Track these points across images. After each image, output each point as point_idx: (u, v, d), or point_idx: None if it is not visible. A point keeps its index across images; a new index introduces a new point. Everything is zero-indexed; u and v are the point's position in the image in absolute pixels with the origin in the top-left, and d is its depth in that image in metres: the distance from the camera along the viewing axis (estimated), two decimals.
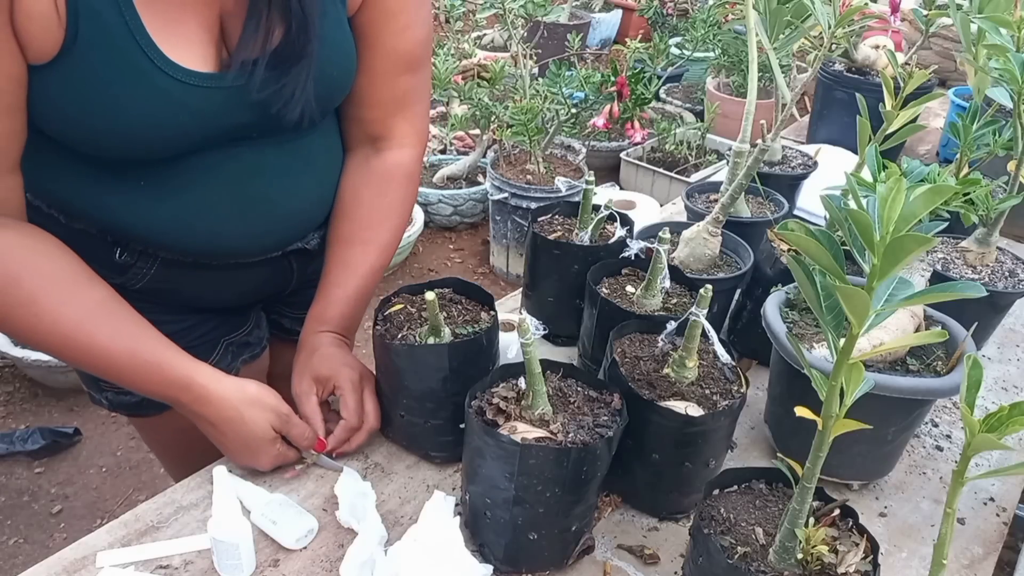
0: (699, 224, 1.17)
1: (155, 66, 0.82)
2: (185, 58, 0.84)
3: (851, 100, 1.62)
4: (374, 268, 1.08)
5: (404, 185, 1.10)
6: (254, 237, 1.01)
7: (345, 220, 1.07)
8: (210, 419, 0.92)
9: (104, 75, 0.81)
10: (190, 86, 0.84)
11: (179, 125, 0.87)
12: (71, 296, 0.86)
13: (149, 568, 0.85)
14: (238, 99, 0.87)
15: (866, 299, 0.56)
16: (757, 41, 1.03)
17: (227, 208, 0.96)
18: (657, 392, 0.90)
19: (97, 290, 0.88)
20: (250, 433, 0.93)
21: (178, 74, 0.83)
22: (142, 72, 0.81)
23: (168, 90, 0.83)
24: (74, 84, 0.80)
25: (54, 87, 0.80)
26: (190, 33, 0.84)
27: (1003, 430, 0.59)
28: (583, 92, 2.82)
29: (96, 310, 0.87)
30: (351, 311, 1.06)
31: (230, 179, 0.95)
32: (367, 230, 1.07)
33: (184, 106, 0.85)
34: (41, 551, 2.01)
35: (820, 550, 0.72)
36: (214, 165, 0.93)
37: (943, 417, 1.18)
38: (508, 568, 0.87)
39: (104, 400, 1.12)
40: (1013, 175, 1.14)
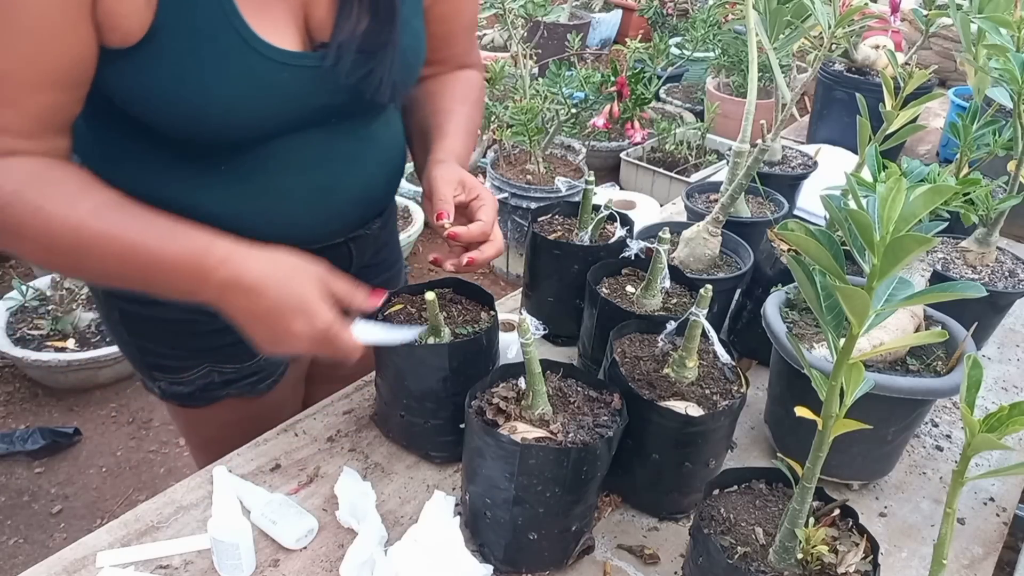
0: (699, 224, 1.17)
1: (248, 45, 0.83)
2: (273, 38, 0.85)
3: (851, 100, 1.62)
4: (473, 129, 1.10)
5: (480, 89, 1.16)
6: (322, 223, 1.02)
7: (439, 97, 1.10)
8: (244, 285, 0.82)
9: (196, 55, 0.81)
10: (280, 64, 0.85)
11: (268, 105, 0.88)
12: (77, 198, 0.82)
13: (149, 568, 0.85)
14: (325, 81, 0.89)
15: (866, 299, 0.56)
16: (757, 41, 1.03)
17: (298, 194, 0.97)
18: (657, 392, 0.90)
19: (104, 191, 0.84)
20: (296, 296, 0.82)
21: (270, 53, 0.84)
22: (235, 51, 0.82)
23: (259, 70, 0.84)
24: (166, 65, 0.81)
25: (144, 69, 0.81)
26: (279, 15, 0.85)
27: (1003, 430, 0.59)
28: (583, 92, 2.82)
29: (105, 205, 0.83)
30: (465, 160, 1.06)
31: (302, 165, 0.96)
32: (463, 104, 1.10)
33: (273, 86, 0.86)
34: (41, 551, 2.01)
35: (820, 550, 0.72)
36: (288, 151, 0.94)
37: (943, 417, 1.18)
38: (508, 568, 0.87)
39: (156, 389, 1.13)
40: (1013, 175, 1.14)
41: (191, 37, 0.80)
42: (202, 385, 1.12)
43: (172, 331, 1.08)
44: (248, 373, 1.13)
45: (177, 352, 1.10)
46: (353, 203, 1.05)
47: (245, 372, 1.13)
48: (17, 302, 2.54)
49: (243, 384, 1.13)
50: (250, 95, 0.86)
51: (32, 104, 0.79)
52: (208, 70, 0.82)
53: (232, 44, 0.82)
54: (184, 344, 1.09)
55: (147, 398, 2.54)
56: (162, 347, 1.10)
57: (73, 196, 0.81)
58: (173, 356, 1.10)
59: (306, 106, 0.91)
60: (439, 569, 0.81)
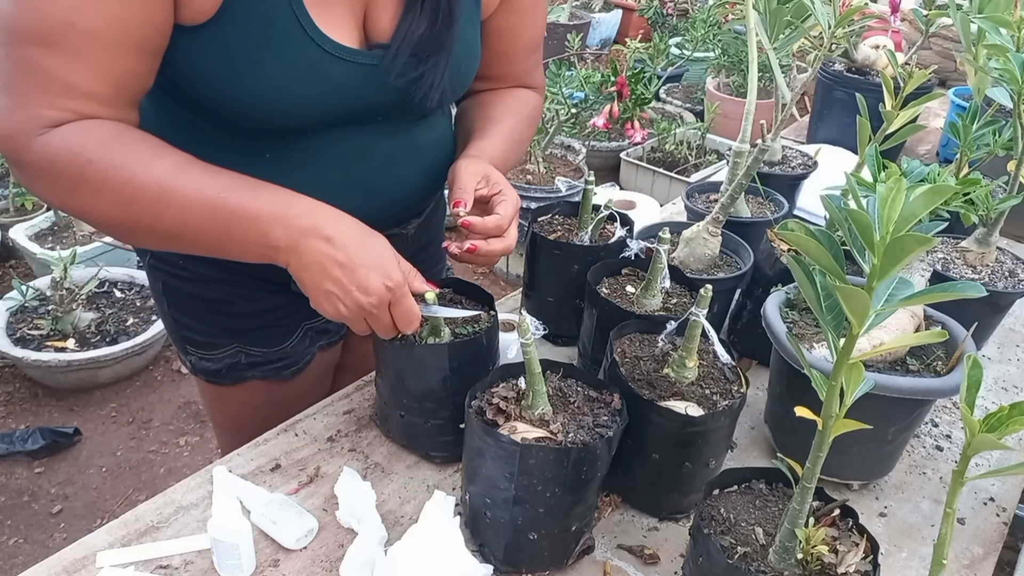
0: (699, 224, 1.17)
1: (307, 36, 0.85)
2: (333, 33, 0.87)
3: (851, 100, 1.62)
4: (520, 141, 1.12)
5: (536, 109, 1.18)
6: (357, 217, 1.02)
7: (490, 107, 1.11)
8: (325, 234, 0.83)
9: (258, 40, 0.84)
10: (335, 58, 0.88)
11: (318, 95, 0.90)
12: (159, 154, 0.84)
13: (149, 568, 0.85)
14: (375, 79, 0.91)
15: (866, 299, 0.56)
16: (757, 41, 1.03)
17: (336, 189, 0.97)
18: (657, 392, 0.90)
19: (182, 152, 0.86)
20: (374, 253, 0.85)
21: (327, 45, 0.87)
22: (295, 40, 0.85)
23: (316, 61, 0.87)
24: (228, 47, 0.83)
25: (207, 46, 0.83)
26: (340, 12, 0.88)
27: (1003, 430, 0.59)
28: (583, 92, 2.82)
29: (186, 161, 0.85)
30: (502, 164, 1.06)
31: (345, 161, 0.98)
32: (513, 116, 1.12)
33: (325, 77, 0.88)
34: (41, 551, 2.02)
35: (820, 550, 0.72)
36: (331, 145, 0.96)
37: (943, 417, 1.18)
38: (508, 568, 0.87)
39: (188, 362, 1.18)
40: (1013, 175, 1.14)
41: (255, 21, 0.83)
42: (229, 364, 1.15)
43: (208, 309, 1.12)
44: (275, 358, 1.16)
45: (210, 329, 1.14)
46: (390, 203, 1.06)
47: (272, 357, 1.16)
48: (17, 302, 2.54)
49: (268, 368, 1.17)
50: (302, 83, 0.88)
51: (113, 68, 0.80)
52: (266, 54, 0.85)
53: (292, 32, 0.85)
54: (217, 323, 1.13)
55: (147, 398, 2.54)
56: (197, 322, 1.14)
57: (155, 152, 0.83)
58: (205, 332, 1.14)
59: (354, 101, 0.93)
60: (439, 569, 0.81)
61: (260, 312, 1.12)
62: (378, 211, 1.05)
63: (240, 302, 1.10)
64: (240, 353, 1.14)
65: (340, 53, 0.88)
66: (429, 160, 1.08)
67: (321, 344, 1.21)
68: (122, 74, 0.82)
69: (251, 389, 1.18)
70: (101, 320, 2.57)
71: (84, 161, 0.80)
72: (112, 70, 0.80)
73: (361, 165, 1.00)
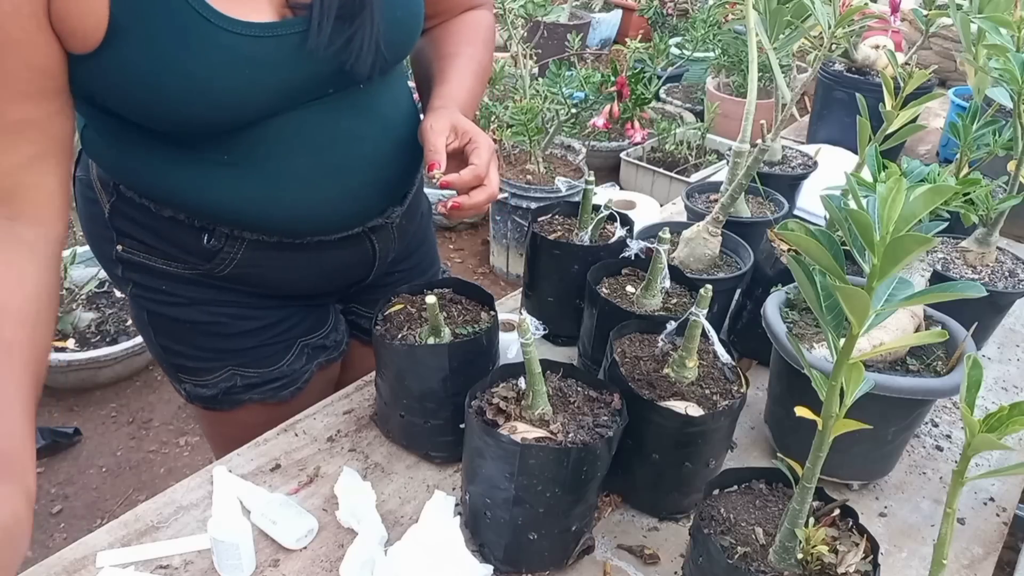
0: (699, 224, 1.17)
1: (212, 24, 0.80)
2: (242, 11, 0.82)
3: (851, 100, 1.62)
4: (482, 70, 1.08)
5: (490, 29, 1.13)
6: (336, 207, 1.00)
7: (444, 42, 1.08)
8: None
9: (162, 43, 0.79)
10: (252, 38, 0.83)
11: (249, 82, 0.85)
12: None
13: (149, 568, 0.85)
14: (302, 47, 0.86)
15: (866, 299, 0.56)
16: (757, 41, 1.03)
17: (309, 176, 0.96)
18: (657, 392, 0.90)
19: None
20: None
21: (236, 27, 0.82)
22: (201, 32, 0.80)
23: (232, 46, 0.82)
24: (137, 61, 0.79)
25: (117, 67, 0.80)
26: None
27: (1003, 430, 0.59)
28: (583, 92, 2.82)
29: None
30: (469, 104, 1.04)
31: (310, 146, 0.94)
32: (469, 46, 1.08)
33: (251, 60, 0.84)
34: (41, 551, 2.01)
35: (820, 550, 0.72)
36: (294, 133, 0.92)
37: (943, 417, 1.18)
38: (508, 568, 0.87)
39: (183, 391, 1.14)
40: (1013, 175, 1.14)
41: (151, 27, 0.79)
42: (225, 388, 1.12)
43: (197, 332, 1.09)
44: (271, 378, 1.13)
45: (201, 353, 1.10)
46: (367, 185, 1.02)
47: (268, 377, 1.13)
48: None
49: (266, 389, 1.13)
50: (227, 73, 0.83)
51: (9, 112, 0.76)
52: (177, 55, 0.80)
53: (194, 24, 0.80)
54: (208, 346, 1.10)
55: (147, 398, 2.54)
56: (187, 348, 1.10)
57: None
58: (197, 357, 1.10)
59: (291, 78, 0.88)
60: (439, 569, 0.81)
61: (253, 331, 1.08)
62: (357, 196, 1.02)
63: (231, 322, 1.07)
64: (235, 376, 1.11)
65: (254, 31, 0.83)
66: (400, 135, 1.04)
67: (320, 361, 1.18)
68: (13, 123, 0.77)
69: (250, 412, 1.14)
70: (101, 320, 2.57)
71: None
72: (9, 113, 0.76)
73: (327, 148, 0.95)
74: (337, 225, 1.03)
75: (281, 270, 1.05)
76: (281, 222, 0.98)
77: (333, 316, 1.20)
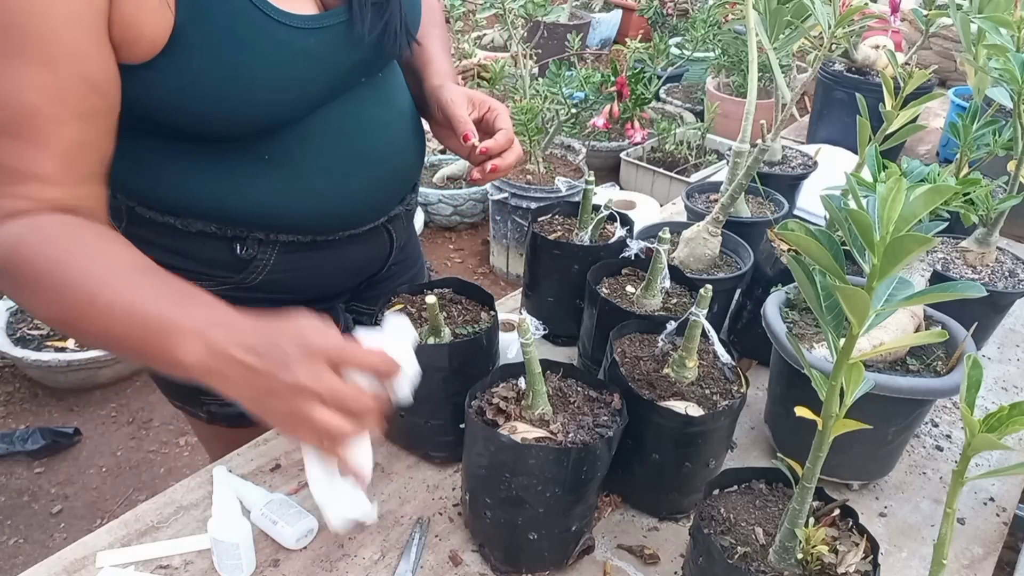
0: (699, 224, 1.17)
1: (272, 19, 0.82)
2: (290, 5, 0.84)
3: (851, 100, 1.62)
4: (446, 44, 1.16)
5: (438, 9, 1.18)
6: (367, 195, 1.02)
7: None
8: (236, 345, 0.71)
9: (228, 42, 0.80)
10: (306, 31, 0.85)
11: (303, 75, 0.87)
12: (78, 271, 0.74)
13: (149, 568, 0.85)
14: (348, 39, 0.89)
15: (866, 299, 0.56)
16: (757, 41, 1.03)
17: (342, 168, 0.97)
18: (657, 392, 0.90)
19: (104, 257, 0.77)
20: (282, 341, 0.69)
21: (294, 21, 0.84)
22: (262, 29, 0.81)
23: (289, 41, 0.84)
24: (199, 61, 0.79)
25: (181, 72, 0.79)
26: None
27: (1003, 430, 0.59)
28: (583, 92, 2.82)
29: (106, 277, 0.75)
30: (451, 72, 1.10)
31: (342, 138, 0.96)
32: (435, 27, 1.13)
33: (303, 53, 0.86)
34: (41, 551, 2.02)
35: (820, 550, 0.72)
36: (328, 126, 0.94)
37: (943, 417, 1.18)
38: (508, 568, 0.87)
39: (204, 413, 1.11)
40: (1013, 175, 1.14)
41: (217, 26, 0.79)
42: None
43: None
44: None
45: None
46: (394, 171, 1.05)
47: None
48: None
49: None
50: (285, 68, 0.85)
51: (59, 140, 0.74)
52: (243, 53, 0.81)
53: (258, 22, 0.81)
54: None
55: (147, 398, 2.54)
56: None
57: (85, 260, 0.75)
58: None
59: (338, 68, 0.91)
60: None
61: None
62: (383, 185, 1.04)
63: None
64: None
65: (309, 24, 0.85)
66: (409, 120, 1.07)
67: None
68: (71, 144, 0.75)
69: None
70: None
71: (17, 273, 0.74)
72: (59, 142, 0.74)
73: (358, 138, 0.98)
74: (366, 216, 1.05)
75: (310, 271, 1.05)
76: (317, 218, 0.99)
77: (342, 317, 1.21)
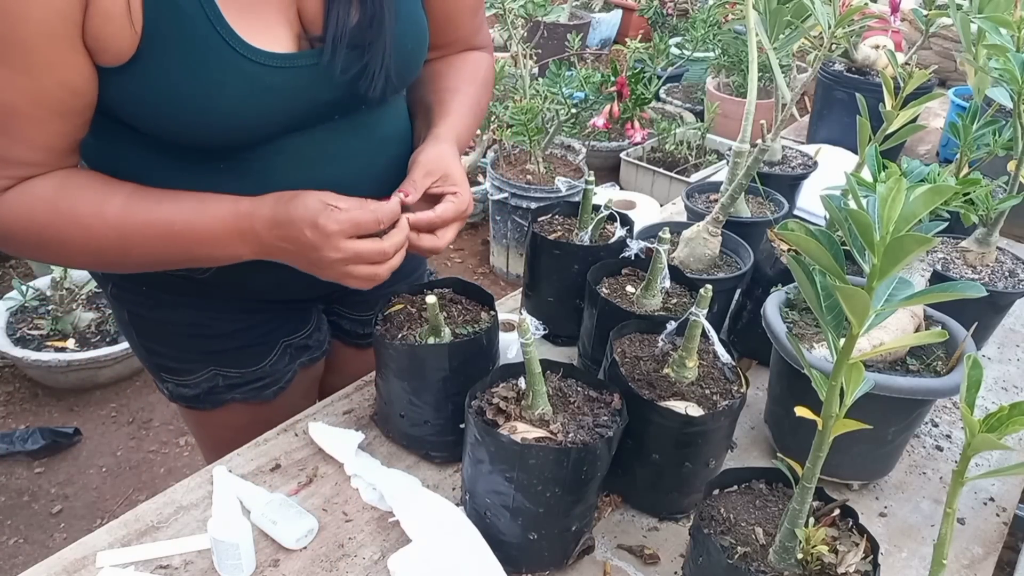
0: (699, 224, 1.17)
1: (237, 53, 0.82)
2: (265, 41, 0.85)
3: (851, 100, 1.62)
4: (479, 109, 1.11)
5: (489, 70, 1.16)
6: None
7: (445, 77, 1.10)
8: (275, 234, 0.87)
9: (188, 67, 0.81)
10: (274, 68, 0.85)
11: (267, 108, 0.88)
12: (105, 198, 0.86)
13: (149, 568, 0.85)
14: (321, 77, 0.88)
15: (866, 299, 0.56)
16: (757, 41, 1.03)
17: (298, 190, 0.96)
18: (657, 392, 0.90)
19: (125, 185, 0.88)
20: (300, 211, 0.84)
21: (260, 58, 0.84)
22: (225, 60, 0.82)
23: (255, 75, 0.84)
24: (159, 80, 0.81)
25: (140, 84, 0.81)
26: (267, 16, 0.85)
27: (1003, 430, 0.59)
28: (583, 92, 2.82)
29: (131, 197, 0.87)
30: (464, 138, 1.06)
31: (307, 164, 0.95)
32: (470, 84, 1.10)
33: (270, 89, 0.86)
34: (41, 551, 2.02)
35: (820, 550, 0.72)
36: (293, 149, 0.94)
37: (943, 417, 1.18)
38: (508, 568, 0.87)
39: (165, 390, 1.15)
40: (1013, 175, 1.14)
41: (179, 50, 0.80)
42: (207, 388, 1.12)
43: (179, 334, 1.09)
44: (253, 378, 1.13)
45: (183, 355, 1.10)
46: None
47: (250, 377, 1.13)
48: (17, 302, 2.54)
49: (248, 389, 1.14)
50: (247, 101, 0.85)
51: (40, 136, 0.81)
52: (200, 81, 0.82)
53: (220, 52, 0.81)
54: (189, 347, 1.10)
55: (147, 398, 2.54)
56: (169, 349, 1.10)
57: (101, 197, 0.85)
58: (179, 358, 1.11)
59: (305, 105, 0.90)
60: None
61: (235, 332, 1.08)
62: None
63: (214, 323, 1.07)
64: (217, 376, 1.11)
65: (275, 62, 0.85)
66: (392, 151, 1.05)
67: (302, 361, 1.18)
68: (50, 137, 0.82)
69: (233, 411, 1.15)
70: (101, 320, 2.57)
71: (39, 227, 0.83)
72: (40, 137, 0.81)
73: (325, 165, 0.97)
74: None
75: (263, 277, 1.04)
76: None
77: (316, 316, 1.20)
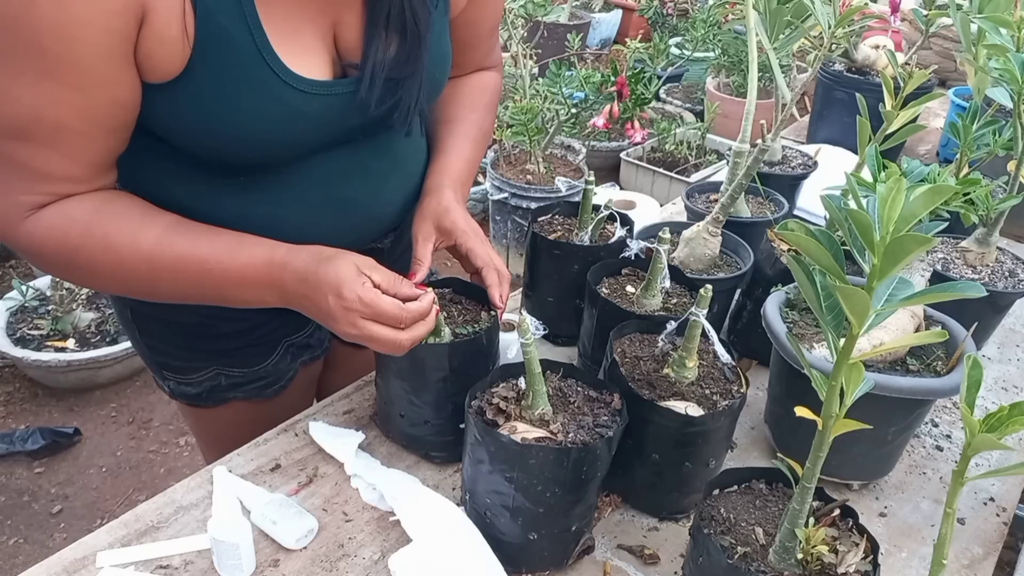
0: (699, 224, 1.17)
1: (280, 79, 0.84)
2: (304, 68, 0.86)
3: (851, 100, 1.62)
4: (482, 136, 1.13)
5: (496, 91, 1.19)
6: (337, 237, 1.01)
7: (449, 106, 1.12)
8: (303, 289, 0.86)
9: (231, 89, 0.83)
10: (310, 95, 0.87)
11: (300, 132, 0.90)
12: (141, 228, 0.86)
13: (149, 568, 0.85)
14: (355, 106, 0.90)
15: (866, 299, 0.56)
16: (757, 41, 1.03)
17: (319, 208, 0.98)
18: (657, 392, 0.90)
19: (163, 216, 0.88)
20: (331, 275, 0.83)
21: (301, 84, 0.85)
22: (268, 85, 0.84)
23: (290, 100, 0.86)
24: (201, 98, 0.82)
25: (180, 102, 0.82)
26: (308, 43, 0.87)
27: (1003, 430, 0.59)
28: (583, 92, 2.82)
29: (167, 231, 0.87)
30: (466, 174, 1.09)
31: (325, 180, 0.97)
32: (472, 112, 1.13)
33: (304, 114, 0.88)
34: (41, 551, 2.02)
35: (820, 550, 0.72)
36: (314, 167, 0.95)
37: (943, 417, 1.18)
38: (508, 568, 0.87)
39: (166, 387, 1.16)
40: (1013, 175, 1.14)
41: (225, 72, 0.82)
42: (209, 387, 1.13)
43: (181, 333, 1.09)
44: (255, 377, 1.14)
45: (185, 353, 1.11)
46: (371, 218, 1.05)
47: (251, 376, 1.13)
48: (17, 302, 2.54)
49: (250, 388, 1.14)
50: (281, 125, 0.87)
51: (87, 152, 0.82)
52: (242, 103, 0.84)
53: (264, 77, 0.83)
54: (192, 346, 1.10)
55: (147, 398, 2.54)
56: (171, 347, 1.11)
57: (137, 226, 0.85)
58: (181, 357, 1.11)
59: (336, 129, 0.92)
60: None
61: (239, 332, 1.09)
62: (359, 228, 1.04)
63: (217, 324, 1.08)
64: (219, 375, 1.12)
65: (315, 89, 0.87)
66: (410, 171, 1.07)
67: (304, 359, 1.19)
68: (96, 153, 0.83)
69: (234, 409, 1.15)
70: (101, 320, 2.57)
71: (71, 249, 0.83)
72: (86, 154, 0.82)
73: (344, 184, 0.99)
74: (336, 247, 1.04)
75: None
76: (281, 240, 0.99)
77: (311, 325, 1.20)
